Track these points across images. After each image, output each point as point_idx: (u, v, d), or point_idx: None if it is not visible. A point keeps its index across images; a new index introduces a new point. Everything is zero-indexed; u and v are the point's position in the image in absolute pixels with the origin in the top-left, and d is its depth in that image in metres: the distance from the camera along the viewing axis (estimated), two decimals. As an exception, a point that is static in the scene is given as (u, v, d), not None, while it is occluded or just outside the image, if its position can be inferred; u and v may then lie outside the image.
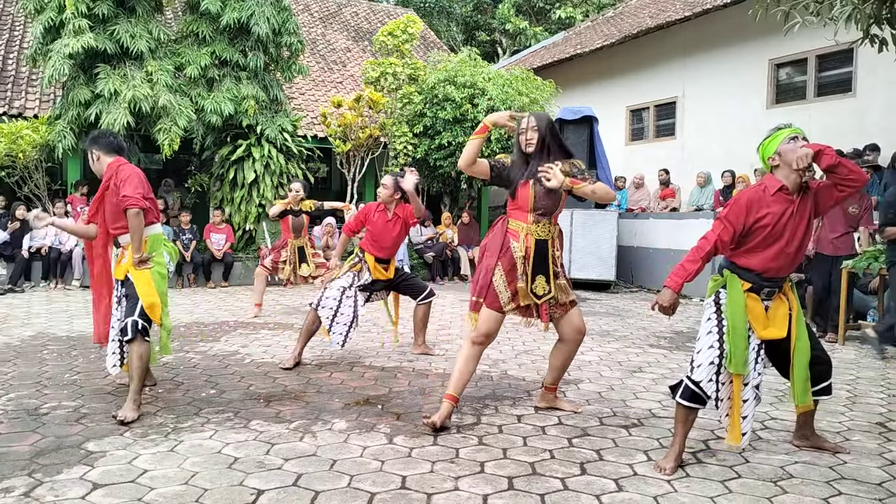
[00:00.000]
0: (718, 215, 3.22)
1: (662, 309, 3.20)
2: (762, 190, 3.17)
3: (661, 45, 13.38)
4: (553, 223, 3.77)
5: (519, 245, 3.69)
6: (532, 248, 3.69)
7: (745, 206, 3.13)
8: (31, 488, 2.77)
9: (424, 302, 5.58)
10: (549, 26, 25.27)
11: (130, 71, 10.16)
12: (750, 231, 3.15)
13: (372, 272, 5.38)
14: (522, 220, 3.72)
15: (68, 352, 5.51)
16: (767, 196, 3.14)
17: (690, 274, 3.15)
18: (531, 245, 3.69)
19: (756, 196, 3.16)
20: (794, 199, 3.14)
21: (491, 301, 3.70)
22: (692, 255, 3.17)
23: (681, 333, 7.06)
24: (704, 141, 12.67)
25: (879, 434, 3.76)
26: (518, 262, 3.67)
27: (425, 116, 12.60)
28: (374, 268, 5.38)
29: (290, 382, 4.66)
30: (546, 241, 3.73)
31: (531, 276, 3.70)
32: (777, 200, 3.13)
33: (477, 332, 3.72)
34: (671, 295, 3.17)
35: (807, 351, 3.21)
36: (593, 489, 2.90)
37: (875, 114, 9.92)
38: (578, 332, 3.89)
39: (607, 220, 10.80)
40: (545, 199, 3.68)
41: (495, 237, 3.78)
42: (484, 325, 3.70)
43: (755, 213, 3.12)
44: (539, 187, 3.66)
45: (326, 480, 2.93)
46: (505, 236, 3.74)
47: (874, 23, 5.72)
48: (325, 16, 19.27)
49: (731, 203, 3.19)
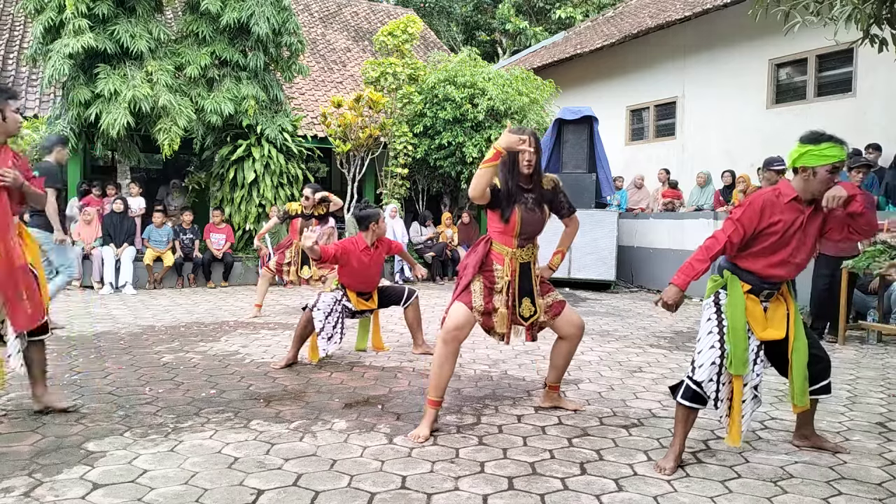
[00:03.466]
0: (730, 216, 3.18)
1: (667, 306, 3.19)
2: (776, 195, 3.14)
3: (662, 45, 13.38)
4: (535, 245, 3.78)
5: (503, 269, 3.67)
6: (517, 271, 3.68)
7: (759, 210, 3.10)
8: (31, 488, 2.77)
9: (409, 304, 5.58)
10: (549, 26, 25.27)
11: (130, 71, 10.17)
12: (758, 235, 3.13)
13: (355, 305, 5.32)
14: (508, 244, 3.68)
15: (68, 352, 5.51)
16: (781, 202, 3.12)
17: (699, 273, 3.13)
18: (516, 269, 3.68)
19: (770, 201, 3.12)
20: (804, 211, 3.13)
21: (463, 297, 3.65)
22: (701, 253, 3.14)
23: (681, 333, 7.06)
24: (704, 141, 12.67)
25: (879, 434, 3.76)
26: (500, 285, 3.66)
27: (425, 116, 12.60)
28: (357, 302, 5.32)
29: (290, 382, 4.66)
30: (529, 263, 3.74)
31: (518, 298, 3.69)
32: (789, 209, 3.11)
33: (445, 328, 3.58)
34: (677, 292, 3.15)
35: (805, 351, 3.21)
36: (593, 489, 2.90)
37: (875, 113, 9.91)
38: (578, 327, 3.90)
39: (607, 220, 10.79)
40: (531, 224, 3.66)
41: (476, 256, 3.71)
42: (452, 320, 3.59)
43: (768, 218, 3.10)
44: (526, 212, 3.63)
45: (326, 480, 2.93)
46: (488, 257, 3.71)
47: (874, 23, 5.72)
48: (326, 16, 19.27)
49: (746, 205, 3.14)
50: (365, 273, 5.33)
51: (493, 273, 3.68)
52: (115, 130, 9.84)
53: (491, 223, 3.75)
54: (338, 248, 5.20)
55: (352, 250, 5.24)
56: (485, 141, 12.24)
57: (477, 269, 3.67)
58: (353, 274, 5.29)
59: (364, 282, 5.36)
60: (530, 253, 3.74)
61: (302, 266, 7.76)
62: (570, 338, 3.92)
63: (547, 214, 3.78)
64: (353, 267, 5.26)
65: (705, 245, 3.16)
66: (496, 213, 3.67)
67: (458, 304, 3.64)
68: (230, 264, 10.93)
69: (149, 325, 6.99)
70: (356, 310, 5.35)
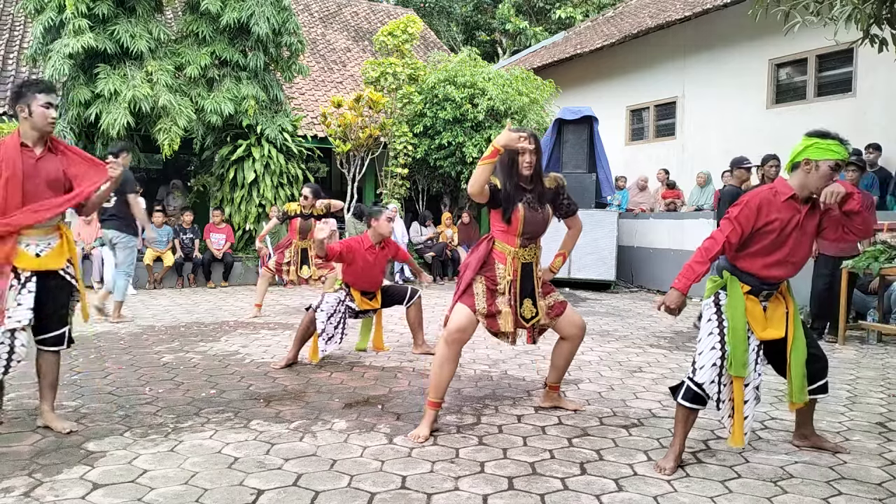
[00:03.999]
0: (727, 215, 3.16)
1: (669, 310, 3.18)
2: (773, 194, 3.13)
3: (662, 45, 13.38)
4: (538, 245, 3.77)
5: (505, 269, 3.66)
6: (518, 271, 3.66)
7: (756, 208, 3.10)
8: (31, 488, 2.77)
9: (412, 304, 5.58)
10: (549, 26, 25.26)
11: (130, 71, 10.16)
12: (755, 234, 3.12)
13: (359, 305, 5.34)
14: (510, 243, 3.66)
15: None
16: (778, 201, 3.11)
17: (699, 275, 3.12)
18: (518, 269, 3.66)
19: (766, 199, 3.11)
20: (801, 209, 3.12)
21: (465, 299, 3.63)
22: (700, 255, 3.13)
23: (681, 333, 7.06)
24: (704, 141, 12.66)
25: (879, 434, 3.76)
26: (503, 286, 3.64)
27: (425, 116, 12.60)
28: (360, 302, 5.34)
29: (290, 382, 4.66)
30: (531, 264, 3.72)
31: (519, 299, 3.67)
32: (786, 207, 3.11)
33: (448, 330, 3.57)
34: (679, 296, 3.14)
35: (804, 350, 3.21)
36: (593, 489, 2.90)
37: (875, 113, 9.91)
38: (579, 328, 3.90)
39: (607, 220, 10.79)
40: (534, 223, 3.65)
41: (478, 255, 3.70)
42: (455, 322, 3.57)
43: (764, 217, 3.09)
44: (529, 211, 3.62)
45: (326, 480, 2.93)
46: (489, 256, 3.70)
47: (874, 23, 5.72)
48: (325, 16, 19.27)
49: (742, 204, 3.13)
50: (370, 272, 5.34)
51: (496, 273, 3.66)
52: (115, 130, 9.83)
53: (494, 222, 3.73)
54: (343, 246, 5.22)
55: (357, 249, 5.26)
56: (485, 141, 12.24)
57: (478, 269, 3.65)
58: (358, 273, 5.30)
59: (368, 281, 5.37)
60: (533, 253, 3.73)
61: (301, 266, 7.76)
62: (572, 338, 3.91)
63: (549, 214, 3.77)
64: (358, 265, 5.27)
65: (704, 246, 3.15)
66: (498, 212, 3.66)
67: (461, 307, 3.62)
68: (230, 264, 10.93)
69: (149, 325, 6.99)
70: (359, 309, 5.36)
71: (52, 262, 3.46)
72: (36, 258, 3.41)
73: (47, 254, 3.46)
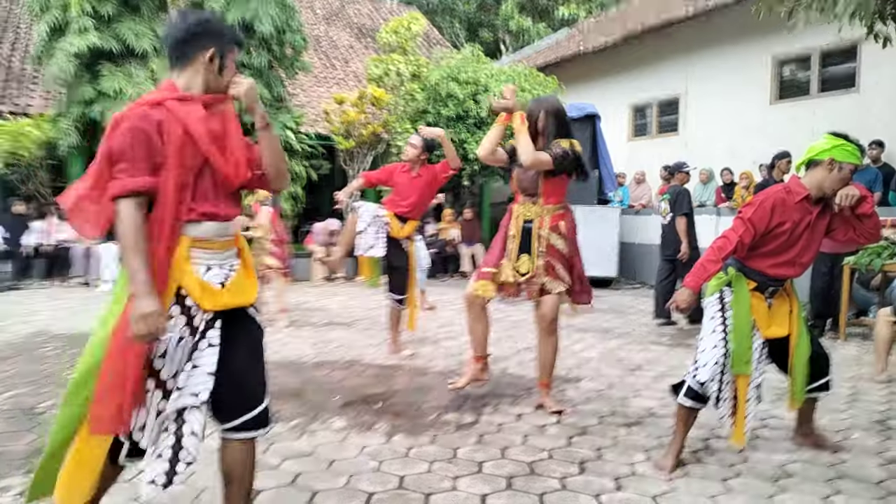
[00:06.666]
0: (740, 214, 3.14)
1: (680, 309, 3.17)
2: (787, 193, 3.12)
3: (665, 42, 13.33)
4: (543, 204, 3.89)
5: (512, 223, 3.96)
6: (520, 227, 3.91)
7: (769, 209, 3.08)
8: (27, 487, 2.77)
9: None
10: (553, 24, 25.19)
11: (135, 70, 10.17)
12: (767, 235, 3.11)
13: (391, 227, 5.37)
14: (517, 201, 4.00)
15: (68, 350, 5.51)
16: (791, 201, 3.10)
17: (711, 274, 3.12)
18: (520, 225, 3.92)
19: (780, 200, 3.10)
20: (812, 210, 3.12)
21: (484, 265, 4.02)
22: (712, 254, 3.11)
23: (682, 330, 7.03)
24: (707, 137, 12.61)
25: (879, 432, 3.74)
26: (508, 240, 3.94)
27: (428, 113, 12.57)
28: (392, 222, 5.38)
29: (289, 380, 4.65)
30: (531, 222, 3.90)
31: (517, 254, 3.91)
32: (798, 208, 3.10)
33: (465, 294, 4.03)
34: (690, 295, 3.12)
35: (807, 348, 3.20)
36: (592, 489, 2.89)
37: (879, 109, 9.85)
38: (542, 319, 3.93)
39: (609, 217, 10.77)
40: (524, 179, 3.92)
41: (505, 217, 4.06)
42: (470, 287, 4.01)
43: (778, 218, 3.09)
44: (518, 168, 3.92)
45: (324, 479, 2.93)
46: (508, 216, 4.02)
47: (878, 19, 5.69)
48: (329, 13, 19.25)
49: (756, 205, 3.11)
50: (407, 192, 5.40)
51: (507, 231, 3.97)
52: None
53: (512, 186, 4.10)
54: (382, 171, 5.73)
55: (393, 169, 5.60)
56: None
57: (504, 230, 3.99)
58: (397, 193, 5.45)
59: (406, 203, 5.38)
60: (532, 211, 3.90)
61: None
62: (539, 328, 3.98)
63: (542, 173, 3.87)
64: (398, 182, 5.46)
65: (717, 245, 3.12)
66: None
67: (478, 273, 4.00)
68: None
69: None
70: (391, 235, 5.38)
71: (241, 295, 2.19)
72: (221, 289, 2.14)
73: (233, 281, 2.19)
